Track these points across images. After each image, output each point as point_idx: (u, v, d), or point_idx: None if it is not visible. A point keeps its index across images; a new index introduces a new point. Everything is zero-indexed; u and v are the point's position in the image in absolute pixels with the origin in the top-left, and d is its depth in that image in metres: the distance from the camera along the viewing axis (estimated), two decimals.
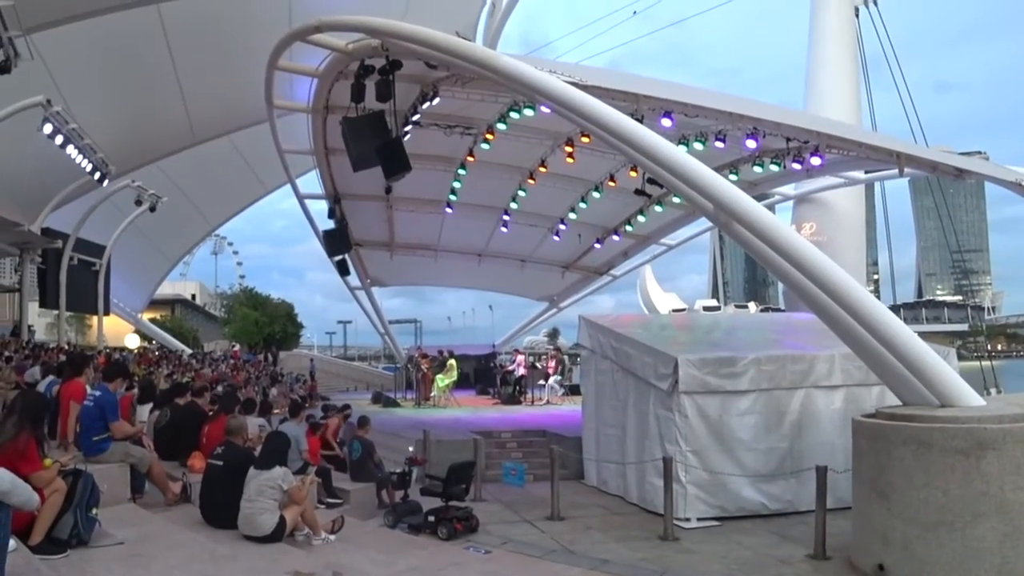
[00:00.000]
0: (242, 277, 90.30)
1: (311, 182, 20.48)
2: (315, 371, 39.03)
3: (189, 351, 38.21)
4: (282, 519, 7.47)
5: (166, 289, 51.11)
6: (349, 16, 11.17)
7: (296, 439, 10.92)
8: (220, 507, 7.71)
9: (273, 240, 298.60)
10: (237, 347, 45.98)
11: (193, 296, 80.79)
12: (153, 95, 21.80)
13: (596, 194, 19.60)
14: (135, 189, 24.76)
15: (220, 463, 7.95)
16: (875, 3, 22.87)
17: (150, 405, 11.33)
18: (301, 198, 21.34)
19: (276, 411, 16.89)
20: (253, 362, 37.55)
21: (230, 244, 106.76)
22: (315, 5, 18.30)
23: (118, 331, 37.61)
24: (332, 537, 8.09)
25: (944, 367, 8.08)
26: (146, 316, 41.77)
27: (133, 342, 37.17)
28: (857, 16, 22.81)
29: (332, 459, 12.42)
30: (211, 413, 10.92)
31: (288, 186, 21.64)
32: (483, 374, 30.44)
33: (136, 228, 28.39)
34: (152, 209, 25.70)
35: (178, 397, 11.30)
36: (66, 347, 24.04)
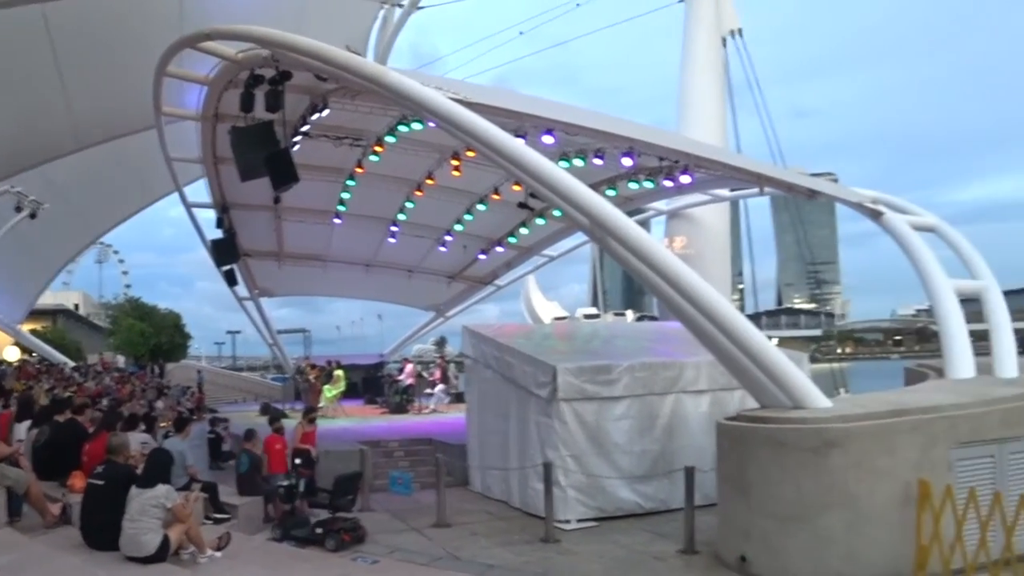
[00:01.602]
0: (128, 287, 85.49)
1: (199, 191, 19.60)
2: (203, 383, 37.40)
3: (72, 364, 35.83)
4: (166, 538, 7.18)
5: (47, 299, 47.80)
6: (240, 25, 10.79)
7: (181, 454, 10.50)
8: (101, 528, 7.33)
9: (160, 249, 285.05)
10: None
11: (76, 306, 75.81)
12: (35, 97, 20.30)
13: (481, 207, 19.70)
14: (14, 195, 23.08)
15: (101, 482, 7.56)
16: (740, 35, 24.08)
17: (28, 422, 10.62)
18: (189, 207, 20.43)
19: (163, 424, 16.12)
20: (139, 374, 35.64)
21: (115, 252, 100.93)
22: (206, 10, 17.62)
23: None
24: (218, 554, 7.80)
25: (796, 372, 8.54)
26: (26, 327, 38.82)
27: (12, 354, 34.58)
28: (724, 46, 23.95)
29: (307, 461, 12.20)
30: (92, 430, 10.32)
31: (176, 194, 20.69)
32: (371, 383, 29.89)
33: (15, 235, 26.37)
34: (33, 216, 24.07)
35: (58, 414, 10.62)
36: None
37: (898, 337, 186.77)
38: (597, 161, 14.70)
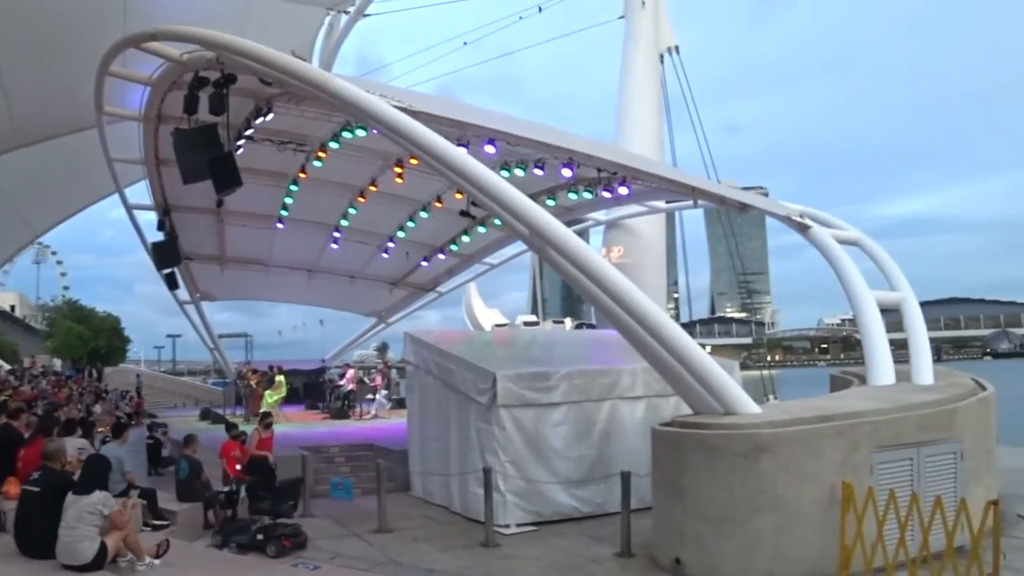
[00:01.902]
0: (66, 288, 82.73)
1: (141, 192, 19.01)
2: (142, 387, 36.28)
3: (7, 367, 34.33)
4: (103, 546, 6.95)
5: None
6: (186, 26, 10.53)
7: (119, 460, 10.21)
8: (37, 536, 7.06)
9: (100, 250, 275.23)
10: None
11: (12, 308, 73.02)
12: None
13: (424, 214, 19.61)
14: None
15: (36, 489, 7.26)
16: (677, 52, 24.54)
17: None
18: (130, 208, 19.82)
19: (100, 429, 15.57)
20: (76, 378, 34.37)
21: (54, 253, 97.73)
22: (151, 10, 17.13)
23: None
24: (157, 562, 7.57)
25: (727, 379, 8.72)
26: None
27: None
28: (662, 62, 24.37)
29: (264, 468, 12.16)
30: (28, 436, 9.90)
31: (116, 195, 20.06)
32: (312, 389, 29.43)
33: None
34: None
35: None
36: None
37: (824, 345, 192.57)
38: (538, 171, 14.76)
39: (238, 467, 11.95)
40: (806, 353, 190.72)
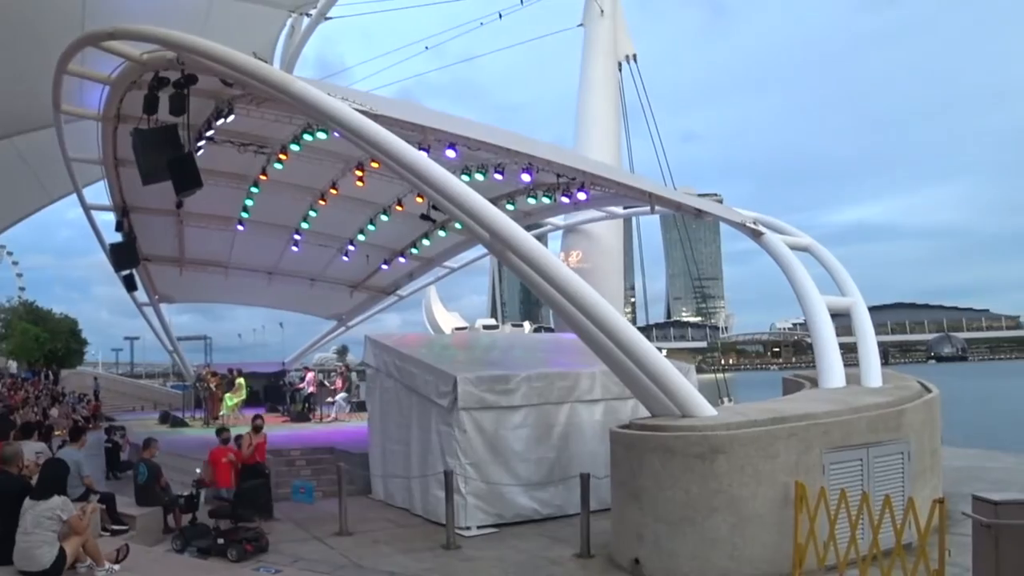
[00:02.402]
0: (22, 289, 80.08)
1: (99, 192, 18.44)
2: (99, 390, 35.42)
3: None
4: (62, 551, 6.78)
5: None
6: (145, 26, 10.25)
7: (77, 464, 9.99)
8: None
9: (57, 251, 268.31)
10: None
11: None
12: None
13: (384, 217, 19.43)
14: None
15: None
16: (635, 60, 24.75)
17: None
18: (87, 209, 19.24)
19: (57, 433, 15.12)
20: (32, 381, 33.37)
21: (9, 254, 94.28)
22: (111, 9, 16.69)
23: None
24: (116, 567, 7.41)
25: (684, 382, 8.77)
26: None
27: None
28: (620, 70, 24.55)
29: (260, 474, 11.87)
30: None
31: (74, 195, 19.50)
32: (273, 392, 29.01)
33: None
34: None
35: None
36: None
37: (776, 349, 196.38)
38: (497, 176, 14.74)
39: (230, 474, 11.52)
40: (759, 357, 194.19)
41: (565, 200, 16.21)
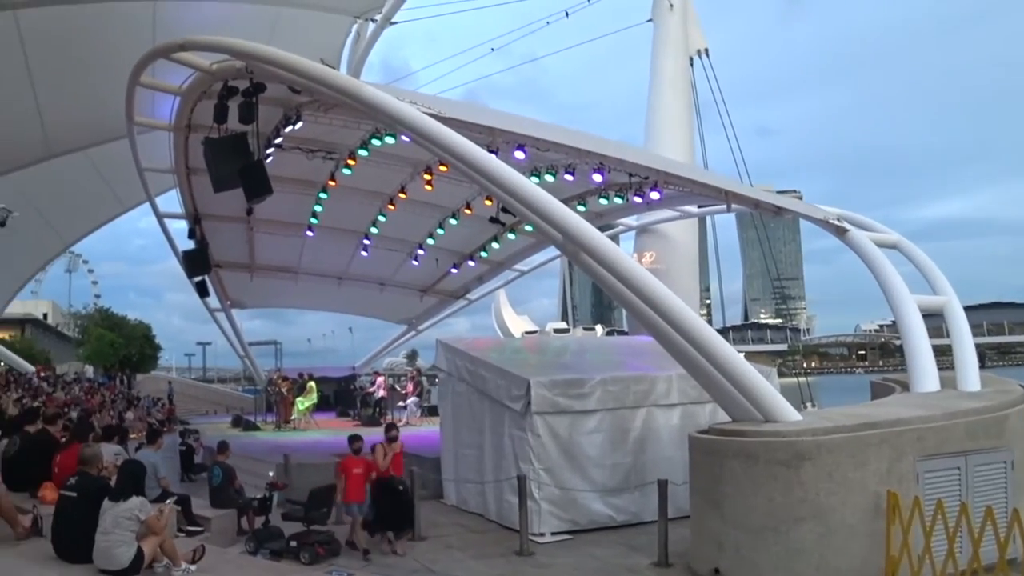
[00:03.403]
0: (97, 296, 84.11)
1: (171, 201, 19.30)
2: (173, 394, 36.80)
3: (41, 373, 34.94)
4: (140, 551, 6.96)
5: (16, 308, 46.55)
6: (214, 36, 10.69)
7: (154, 466, 10.32)
8: (74, 541, 7.11)
9: (130, 259, 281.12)
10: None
11: (45, 315, 74.21)
12: (5, 105, 19.95)
13: (453, 221, 19.67)
14: None
15: (73, 494, 7.31)
16: (707, 54, 24.42)
17: None
18: (161, 217, 20.15)
19: (133, 436, 15.77)
20: (108, 385, 34.94)
21: (85, 262, 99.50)
22: (180, 22, 17.40)
23: None
24: (193, 567, 7.60)
25: (766, 386, 8.59)
26: None
27: None
28: (692, 65, 24.25)
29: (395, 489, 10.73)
30: (64, 441, 10.04)
31: (147, 204, 20.41)
32: (343, 396, 29.65)
33: None
34: (2, 224, 23.47)
35: (28, 425, 10.26)
36: None
37: (862, 352, 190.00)
38: (568, 177, 14.73)
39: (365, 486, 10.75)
40: (843, 360, 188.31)
41: (638, 200, 16.13)
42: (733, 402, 8.61)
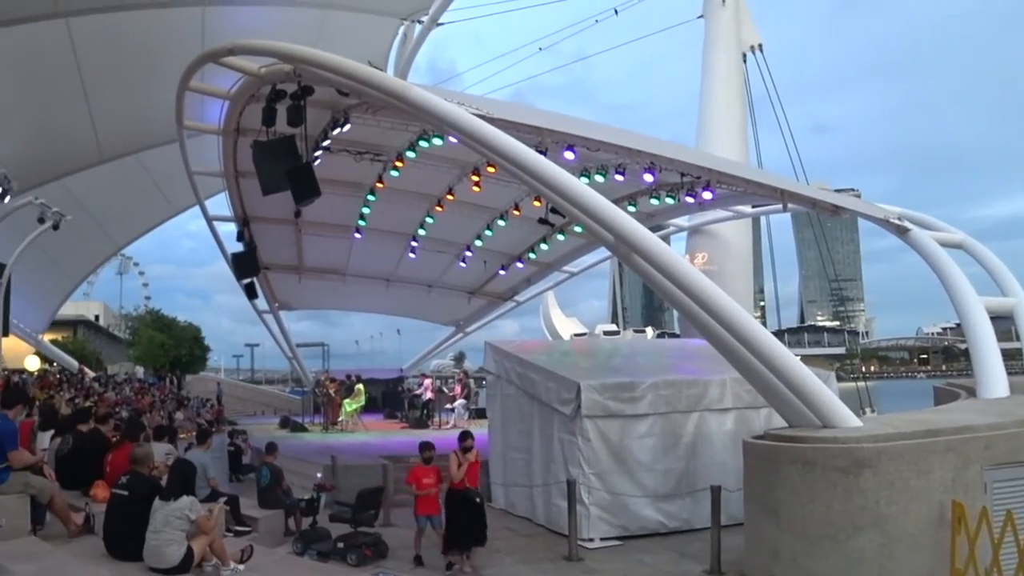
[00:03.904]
0: (148, 298, 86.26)
1: (220, 204, 19.84)
2: (222, 395, 37.66)
3: (92, 374, 36.13)
4: (190, 550, 7.13)
5: (68, 309, 48.11)
6: (263, 40, 10.91)
7: (203, 466, 10.55)
8: (125, 539, 7.29)
9: (179, 261, 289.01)
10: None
11: (97, 317, 76.33)
12: (60, 110, 20.77)
13: (501, 222, 19.73)
14: (38, 206, 23.33)
15: (125, 493, 7.52)
16: (761, 50, 24.07)
17: (51, 432, 10.65)
18: (210, 220, 20.65)
19: (182, 436, 16.14)
20: (157, 386, 35.93)
21: (136, 264, 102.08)
22: (228, 27, 17.88)
23: (17, 352, 35.20)
24: (241, 567, 7.77)
25: (825, 390, 8.43)
26: (47, 337, 39.28)
27: (33, 364, 34.93)
28: (745, 61, 23.96)
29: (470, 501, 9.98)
30: (115, 440, 10.34)
31: (196, 207, 20.95)
32: (391, 398, 30.01)
33: (38, 246, 26.79)
34: (55, 227, 24.36)
35: (81, 424, 10.59)
36: None
37: (924, 356, 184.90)
38: (618, 177, 14.65)
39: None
40: (904, 364, 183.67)
41: (690, 200, 15.97)
42: (790, 407, 8.47)
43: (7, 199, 20.40)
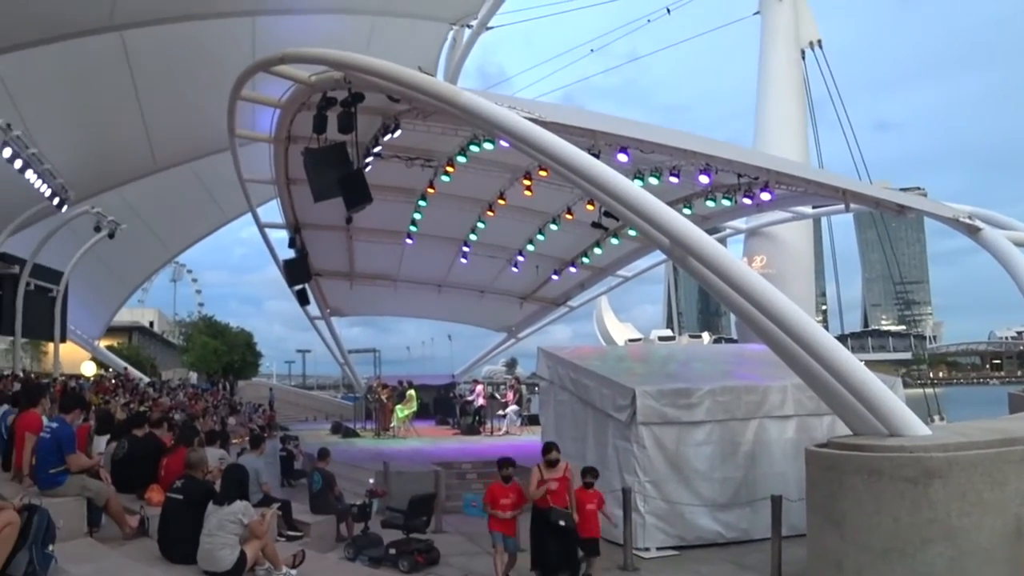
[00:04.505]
0: (201, 305, 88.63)
1: (272, 211, 20.33)
2: (274, 401, 38.34)
3: (146, 379, 37.25)
4: (243, 554, 7.24)
5: (124, 316, 49.74)
6: (313, 48, 11.12)
7: (256, 471, 10.73)
8: (179, 542, 7.45)
9: (232, 268, 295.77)
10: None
11: (151, 323, 78.76)
12: (115, 121, 21.51)
13: (554, 226, 19.74)
14: (94, 215, 24.13)
15: (180, 497, 7.68)
16: (820, 46, 23.65)
17: (107, 436, 10.96)
18: (262, 227, 21.11)
19: (235, 441, 16.45)
20: (211, 391, 36.80)
21: (189, 271, 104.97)
22: (279, 35, 18.28)
23: (74, 358, 36.49)
24: (293, 572, 7.86)
25: (891, 397, 8.22)
26: (103, 343, 40.66)
27: (89, 369, 36.13)
28: (803, 58, 23.56)
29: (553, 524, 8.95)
30: (170, 445, 10.62)
31: (248, 214, 21.44)
32: (442, 404, 30.21)
33: (94, 254, 27.81)
34: (111, 236, 25.17)
35: (136, 428, 10.84)
36: (21, 374, 23.25)
37: (997, 361, 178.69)
38: (673, 179, 14.53)
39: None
40: (975, 370, 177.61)
41: (747, 202, 15.75)
42: (854, 414, 8.28)
43: (64, 208, 21.14)
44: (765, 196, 15.02)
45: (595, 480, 9.61)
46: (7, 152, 16.65)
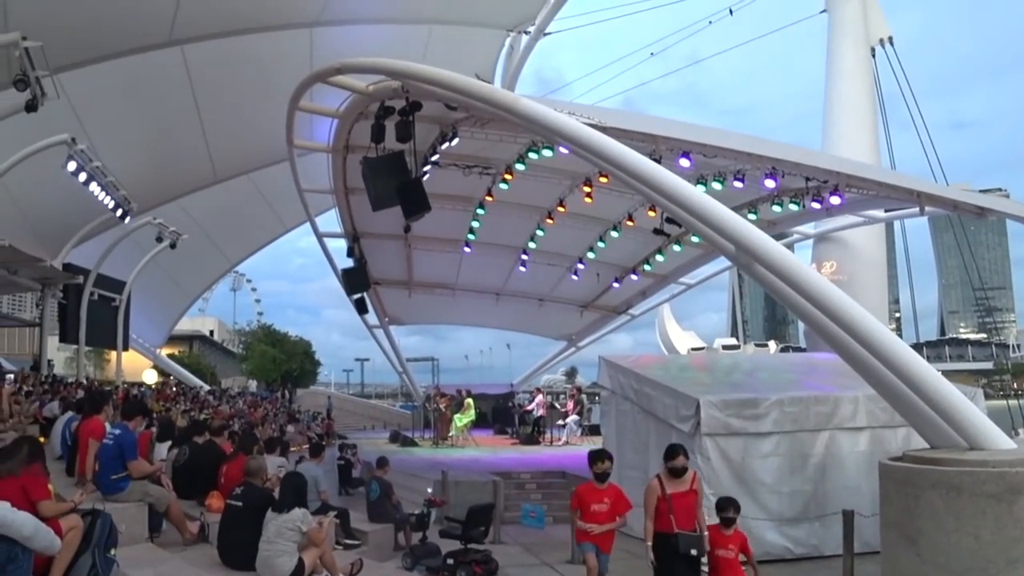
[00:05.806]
0: (260, 314, 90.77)
1: (330, 220, 20.70)
2: (332, 409, 38.96)
3: (206, 387, 38.32)
4: (301, 561, 7.37)
5: (184, 325, 51.23)
6: (370, 58, 11.32)
7: (315, 479, 10.89)
8: (238, 548, 7.63)
9: (290, 277, 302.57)
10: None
11: (211, 332, 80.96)
12: (176, 134, 22.25)
13: (614, 233, 19.66)
14: (156, 226, 24.93)
15: (239, 504, 7.88)
16: (891, 43, 23.07)
17: (168, 443, 11.31)
18: (320, 236, 21.54)
19: (294, 449, 16.76)
20: (270, 399, 37.61)
21: (248, 281, 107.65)
22: (336, 46, 18.68)
23: (136, 366, 37.79)
24: None
25: (972, 408, 7.95)
26: (164, 351, 41.98)
27: (151, 377, 37.32)
28: (873, 56, 23.00)
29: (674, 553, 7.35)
30: (230, 452, 10.90)
31: (306, 224, 21.90)
32: (501, 413, 30.31)
33: (156, 264, 28.72)
34: (172, 246, 25.97)
35: (197, 435, 11.20)
36: (84, 382, 24.15)
37: None
38: (737, 184, 14.34)
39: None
40: None
41: (816, 206, 15.45)
42: (932, 426, 8.03)
43: (127, 220, 21.87)
44: (835, 200, 14.69)
45: (737, 516, 7.82)
46: (72, 166, 17.26)
